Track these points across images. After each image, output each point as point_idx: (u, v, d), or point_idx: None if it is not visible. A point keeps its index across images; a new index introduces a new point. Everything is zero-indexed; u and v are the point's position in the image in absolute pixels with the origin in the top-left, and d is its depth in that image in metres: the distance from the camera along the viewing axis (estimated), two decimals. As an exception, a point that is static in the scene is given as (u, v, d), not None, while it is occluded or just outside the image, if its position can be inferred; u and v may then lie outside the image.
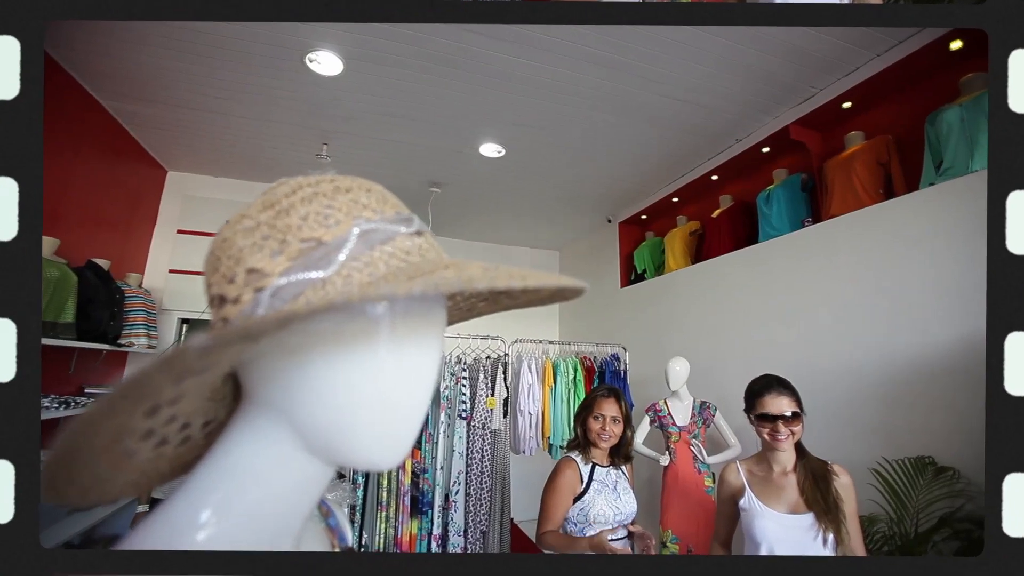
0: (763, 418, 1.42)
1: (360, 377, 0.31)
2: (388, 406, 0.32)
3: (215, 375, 0.29)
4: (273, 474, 0.32)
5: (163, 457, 0.34)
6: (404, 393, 0.33)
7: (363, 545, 2.52)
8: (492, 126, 2.98)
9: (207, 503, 0.31)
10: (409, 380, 0.33)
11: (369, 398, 0.32)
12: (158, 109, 2.85)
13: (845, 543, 1.30)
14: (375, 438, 0.32)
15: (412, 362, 0.33)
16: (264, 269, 0.29)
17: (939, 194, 2.02)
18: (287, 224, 0.30)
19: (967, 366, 1.83)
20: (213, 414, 0.36)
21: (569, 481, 1.59)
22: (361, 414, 0.32)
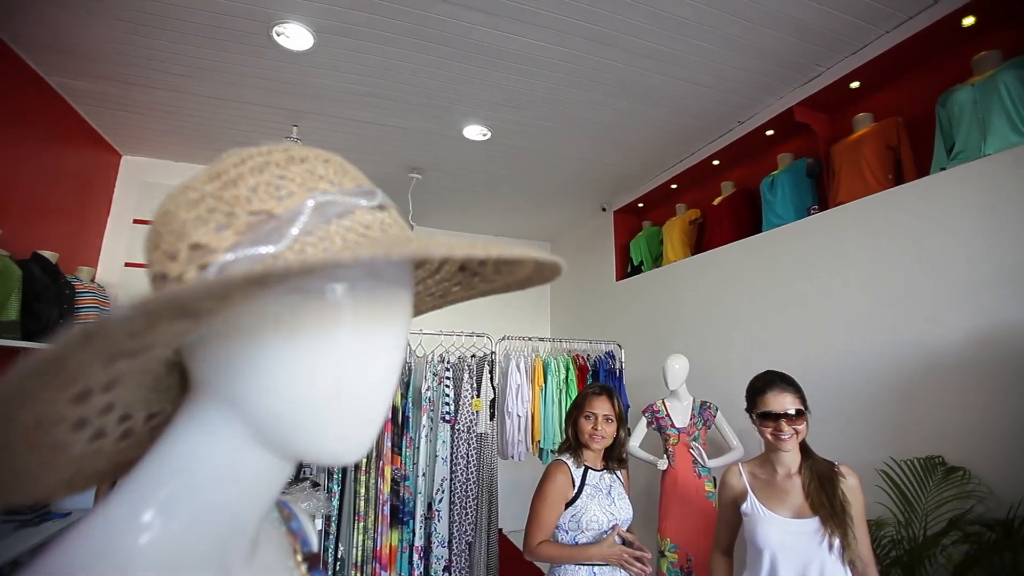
0: (765, 417, 1.44)
1: (317, 364, 0.30)
2: (348, 395, 0.32)
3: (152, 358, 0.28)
4: (224, 470, 0.31)
5: (101, 453, 0.33)
6: (365, 381, 0.32)
7: (339, 558, 2.50)
8: (477, 106, 2.96)
9: (150, 502, 0.30)
10: (371, 368, 0.32)
11: (327, 387, 0.31)
12: (110, 87, 2.78)
13: (852, 548, 1.32)
14: (334, 429, 0.32)
15: (374, 348, 0.32)
16: (209, 244, 0.28)
17: (951, 179, 2.05)
18: (235, 195, 0.29)
19: (980, 360, 1.86)
20: (158, 406, 0.35)
21: (560, 486, 1.58)
22: (318, 404, 0.31)
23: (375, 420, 0.34)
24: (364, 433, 0.33)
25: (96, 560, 0.27)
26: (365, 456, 2.50)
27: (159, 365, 0.31)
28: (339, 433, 0.32)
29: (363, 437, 0.33)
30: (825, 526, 1.34)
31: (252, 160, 0.30)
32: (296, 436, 0.31)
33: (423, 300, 0.48)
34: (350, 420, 0.32)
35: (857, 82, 2.56)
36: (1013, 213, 1.83)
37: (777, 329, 2.75)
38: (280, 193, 0.30)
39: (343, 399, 0.32)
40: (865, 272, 2.32)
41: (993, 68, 2.03)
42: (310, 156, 0.32)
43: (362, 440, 0.33)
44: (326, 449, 0.32)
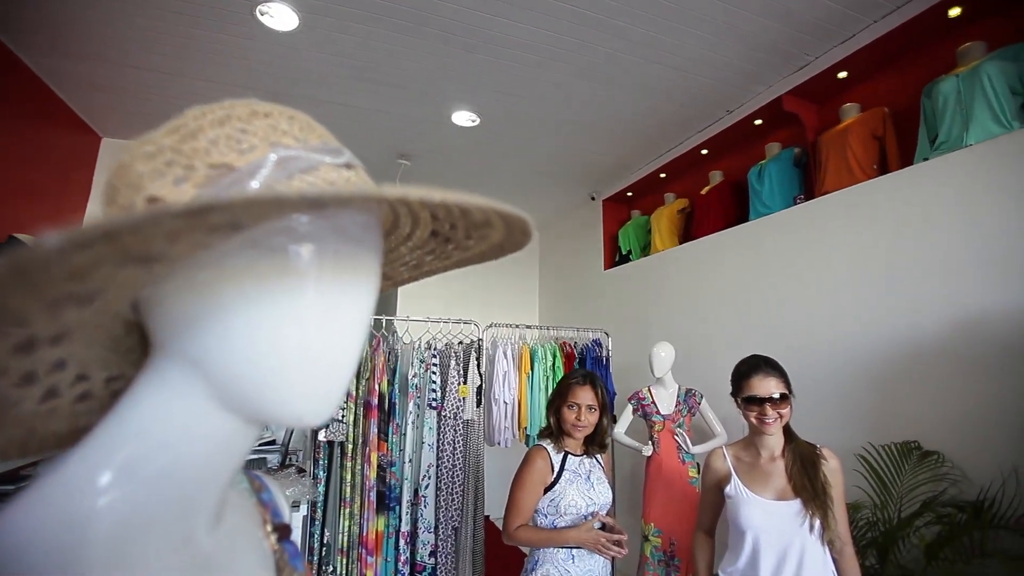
0: (750, 401, 1.45)
1: (279, 323, 0.30)
2: (311, 357, 0.31)
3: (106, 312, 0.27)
4: (186, 433, 0.31)
5: (57, 414, 0.32)
6: (329, 344, 0.32)
7: (325, 544, 2.51)
8: (466, 92, 2.93)
9: (108, 464, 0.29)
10: (335, 330, 0.32)
11: (289, 347, 0.31)
12: (90, 67, 2.71)
13: (832, 529, 1.35)
14: (298, 390, 0.31)
15: (339, 311, 0.32)
16: (167, 198, 0.28)
17: (933, 169, 2.07)
18: (194, 148, 0.29)
19: (958, 348, 1.90)
20: (118, 369, 0.34)
21: (539, 471, 1.60)
22: (280, 364, 0.31)
23: (339, 383, 0.34)
24: (328, 396, 0.33)
25: (53, 522, 0.27)
26: (345, 437, 2.49)
27: (115, 322, 0.30)
28: (302, 394, 0.32)
29: (327, 399, 0.33)
30: (806, 508, 1.36)
31: (213, 113, 0.30)
32: (259, 397, 0.31)
33: (398, 270, 0.47)
34: (313, 382, 0.32)
35: (845, 72, 2.58)
36: (992, 203, 1.86)
37: (762, 317, 2.78)
38: (241, 146, 0.29)
39: (306, 360, 0.31)
40: (849, 261, 2.35)
41: (977, 59, 2.05)
42: (274, 112, 0.32)
43: (326, 402, 0.33)
44: (289, 410, 0.32)
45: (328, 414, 0.33)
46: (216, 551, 0.34)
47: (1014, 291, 1.77)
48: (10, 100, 2.61)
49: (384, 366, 2.67)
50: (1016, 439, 1.71)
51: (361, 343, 0.35)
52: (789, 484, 1.41)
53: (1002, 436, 1.75)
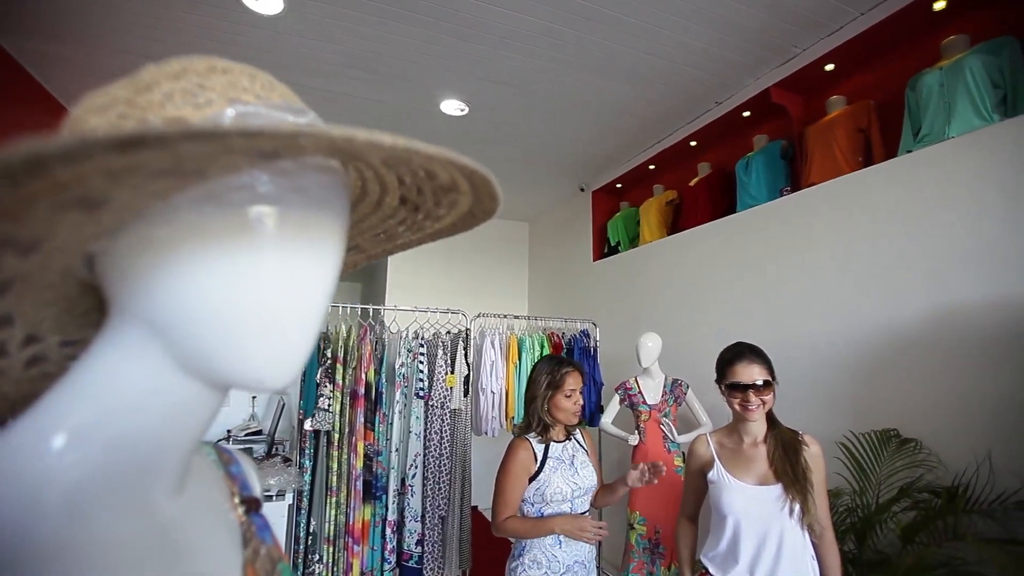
0: (733, 387, 1.47)
1: (239, 282, 0.29)
2: (272, 317, 0.31)
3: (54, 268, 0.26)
4: (144, 397, 0.30)
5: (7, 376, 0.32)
6: (289, 306, 0.31)
7: (311, 533, 2.51)
8: (455, 80, 2.91)
9: (61, 427, 0.29)
10: (297, 289, 0.32)
11: (249, 306, 0.30)
12: (67, 49, 2.64)
13: (811, 513, 1.37)
14: (258, 352, 0.31)
15: (301, 270, 0.32)
16: None
17: (915, 162, 2.10)
18: (148, 100, 0.28)
19: (936, 338, 1.94)
20: (76, 333, 0.33)
21: (522, 462, 1.60)
22: (240, 324, 0.30)
23: (301, 346, 0.33)
24: (289, 359, 0.32)
25: (5, 484, 0.26)
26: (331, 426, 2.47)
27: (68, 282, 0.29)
28: (262, 357, 0.31)
29: (288, 363, 0.32)
30: (787, 492, 1.38)
31: (170, 67, 0.29)
32: (218, 359, 0.30)
33: (371, 242, 0.47)
34: (274, 344, 0.31)
35: (832, 64, 2.59)
36: (972, 195, 1.89)
37: (748, 308, 2.81)
38: (198, 100, 0.28)
39: (266, 322, 0.31)
40: (832, 252, 2.38)
41: (961, 52, 2.07)
42: (234, 68, 0.31)
43: (287, 366, 0.32)
44: (250, 373, 0.31)
45: (290, 377, 0.33)
46: (177, 519, 0.33)
47: (991, 282, 1.80)
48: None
49: (371, 355, 2.66)
50: (990, 426, 1.75)
51: (324, 307, 0.34)
52: (771, 469, 1.43)
53: (977, 423, 1.78)
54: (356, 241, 0.47)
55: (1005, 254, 1.77)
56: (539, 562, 1.56)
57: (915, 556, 1.62)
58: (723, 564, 1.45)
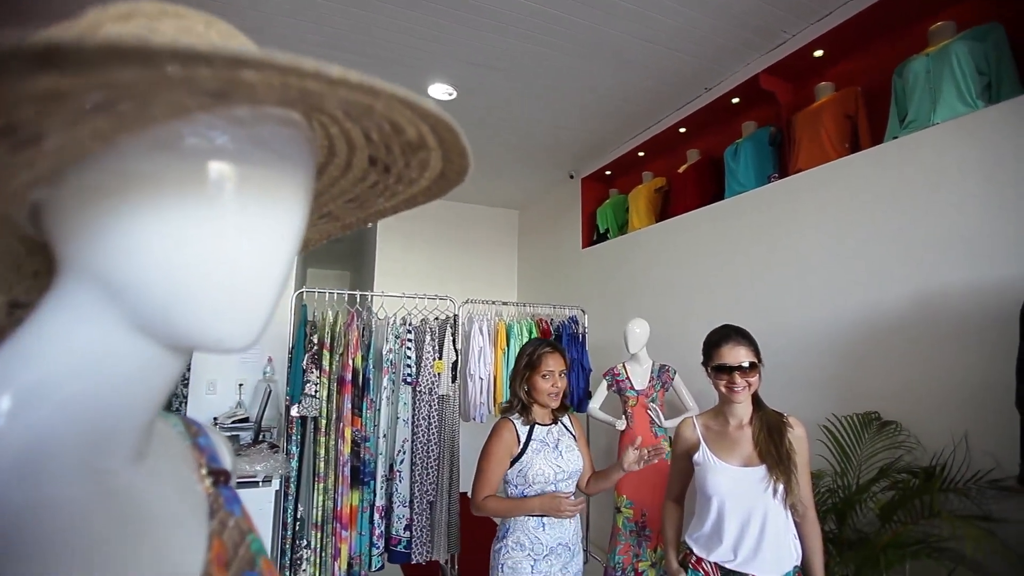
0: (720, 369, 1.48)
1: (193, 235, 0.28)
2: (230, 273, 0.29)
3: None
4: (96, 360, 0.29)
5: None
6: (250, 259, 0.30)
7: (299, 519, 2.51)
8: (442, 64, 2.87)
9: (6, 388, 0.27)
10: (257, 245, 0.30)
11: (205, 261, 0.29)
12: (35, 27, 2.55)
13: (794, 493, 1.39)
14: (215, 311, 0.30)
15: (262, 224, 0.30)
16: None
17: (900, 148, 2.11)
18: None
19: (918, 322, 1.96)
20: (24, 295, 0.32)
21: (506, 443, 1.61)
22: (196, 281, 0.29)
23: (262, 306, 0.32)
24: (249, 318, 0.31)
25: None
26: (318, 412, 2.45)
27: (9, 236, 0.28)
28: (220, 316, 0.30)
29: (248, 323, 0.31)
30: (771, 473, 1.40)
31: (116, 8, 0.27)
32: (174, 318, 0.29)
33: (344, 208, 0.46)
34: (232, 303, 0.30)
35: (820, 51, 2.59)
36: (955, 181, 1.90)
37: (736, 293, 2.83)
38: None
39: (223, 279, 0.29)
40: (818, 238, 2.40)
41: (947, 39, 2.07)
42: (190, 14, 0.29)
43: (247, 326, 0.31)
44: (208, 333, 0.30)
45: (250, 339, 0.32)
46: (136, 485, 0.32)
47: (971, 267, 1.82)
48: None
49: (358, 341, 2.64)
50: (967, 408, 1.78)
51: (287, 265, 0.33)
52: (755, 451, 1.45)
53: (954, 405, 1.82)
54: (329, 208, 0.46)
55: (985, 240, 1.80)
56: (522, 544, 1.57)
57: (892, 534, 1.66)
58: (707, 544, 1.47)
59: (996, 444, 1.67)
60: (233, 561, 0.37)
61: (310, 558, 2.52)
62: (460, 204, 5.38)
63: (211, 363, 3.25)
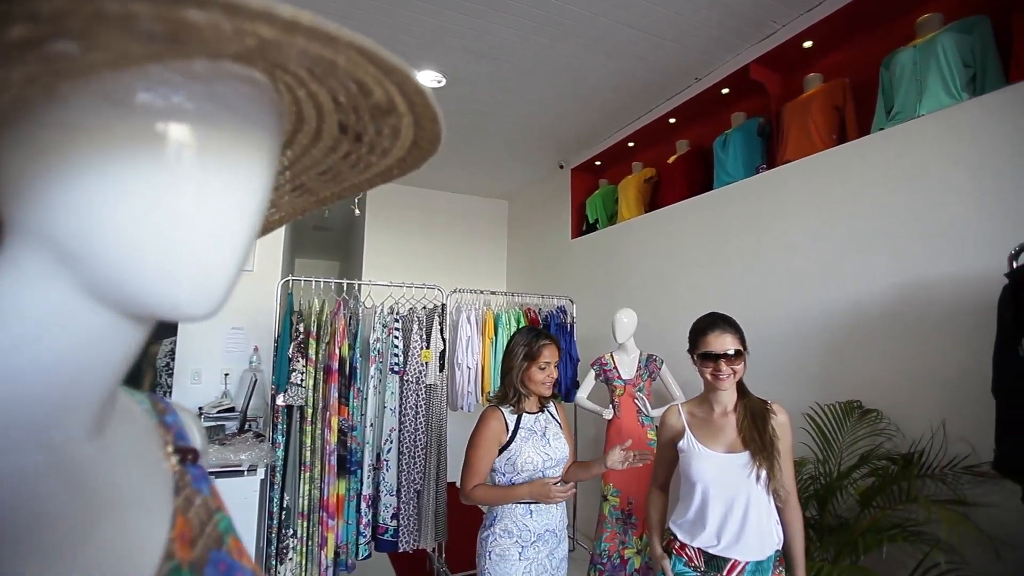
0: (705, 357, 1.48)
1: (146, 195, 0.27)
2: (187, 237, 0.28)
3: None
4: (47, 326, 0.28)
5: None
6: (209, 223, 0.29)
7: (285, 508, 2.50)
8: (431, 50, 2.83)
9: None
10: (216, 207, 0.29)
11: (160, 224, 0.27)
12: None
13: (777, 478, 1.41)
14: (172, 275, 0.28)
15: (221, 186, 0.29)
16: None
17: (886, 139, 2.12)
18: None
19: (900, 312, 1.99)
20: None
21: (494, 431, 1.61)
22: (149, 242, 0.27)
23: (222, 273, 0.30)
24: (209, 283, 0.30)
25: None
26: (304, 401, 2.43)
27: None
28: (177, 280, 0.28)
29: (208, 288, 0.30)
30: (754, 459, 1.41)
31: None
32: (128, 283, 0.28)
33: (317, 181, 0.44)
34: (190, 267, 0.29)
35: (810, 42, 2.59)
36: (939, 173, 1.92)
37: (722, 284, 2.85)
38: None
39: (179, 244, 0.28)
40: (805, 229, 2.42)
41: (934, 31, 2.08)
42: None
43: (207, 292, 0.30)
44: (164, 298, 0.29)
45: (210, 307, 0.30)
46: (95, 459, 0.31)
47: (952, 259, 1.85)
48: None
49: (345, 330, 2.62)
50: (945, 396, 1.82)
51: (249, 233, 0.32)
52: (739, 437, 1.46)
53: (934, 394, 1.85)
54: (302, 179, 0.45)
55: (966, 231, 1.82)
56: (510, 531, 1.58)
57: (871, 519, 1.69)
58: (691, 530, 1.49)
59: (972, 431, 1.70)
60: (199, 539, 0.36)
61: (296, 547, 2.52)
62: (450, 194, 5.34)
63: (196, 353, 3.22)
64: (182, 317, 0.30)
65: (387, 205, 5.02)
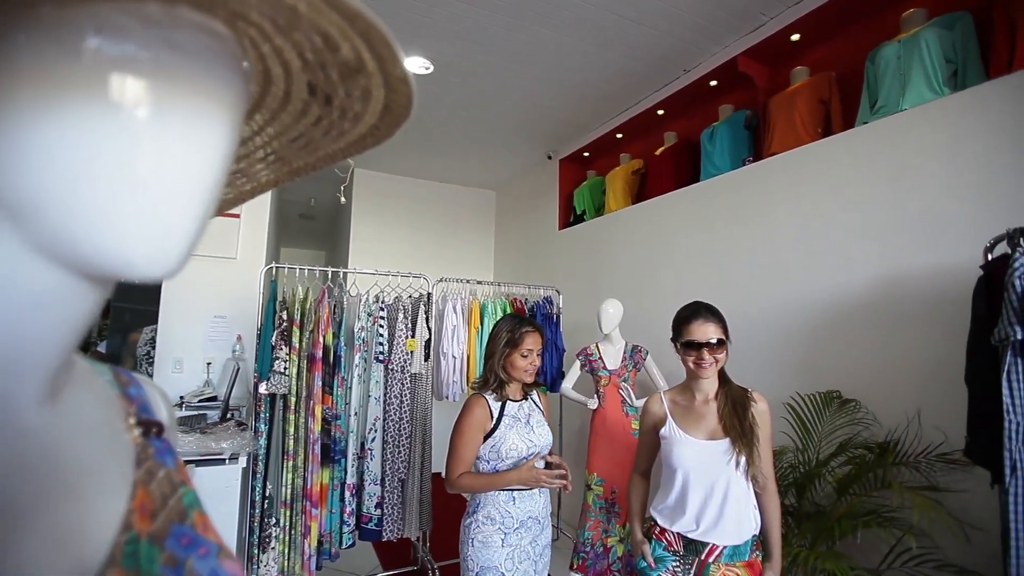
0: (688, 346, 1.50)
1: (95, 144, 0.26)
2: (139, 191, 0.27)
3: None
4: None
5: None
6: (164, 176, 0.28)
7: (267, 496, 2.48)
8: (419, 35, 2.79)
9: None
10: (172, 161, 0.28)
11: (110, 176, 0.26)
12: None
13: (755, 464, 1.43)
14: (124, 231, 0.27)
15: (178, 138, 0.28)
16: None
17: (869, 133, 2.15)
18: None
19: (880, 304, 2.02)
20: None
21: (478, 419, 1.61)
22: (100, 196, 0.26)
23: (179, 231, 0.29)
24: (163, 243, 0.28)
25: None
26: (287, 389, 2.42)
27: None
28: (129, 238, 0.27)
29: (162, 248, 0.28)
30: (734, 446, 1.43)
31: None
32: (76, 239, 0.27)
33: (290, 150, 0.43)
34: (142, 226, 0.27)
35: (797, 35, 2.60)
36: (920, 167, 1.95)
37: (707, 275, 2.87)
38: None
39: (131, 199, 0.27)
40: (790, 221, 2.44)
41: (919, 25, 2.10)
42: None
43: (161, 251, 0.28)
44: (117, 256, 0.27)
45: (167, 265, 0.29)
46: (46, 428, 0.30)
47: (930, 251, 1.88)
48: None
49: (329, 318, 2.59)
50: (920, 385, 1.85)
51: (209, 191, 0.30)
52: (720, 425, 1.48)
53: (910, 384, 1.89)
54: (273, 147, 0.43)
55: (945, 224, 1.85)
56: (492, 518, 1.58)
57: (847, 506, 1.72)
58: (671, 515, 1.50)
59: (946, 420, 1.74)
60: (160, 511, 0.35)
61: (279, 536, 2.50)
62: (438, 184, 5.31)
63: (178, 341, 3.17)
64: (137, 276, 0.29)
65: (374, 194, 4.97)
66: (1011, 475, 1.27)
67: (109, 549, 0.30)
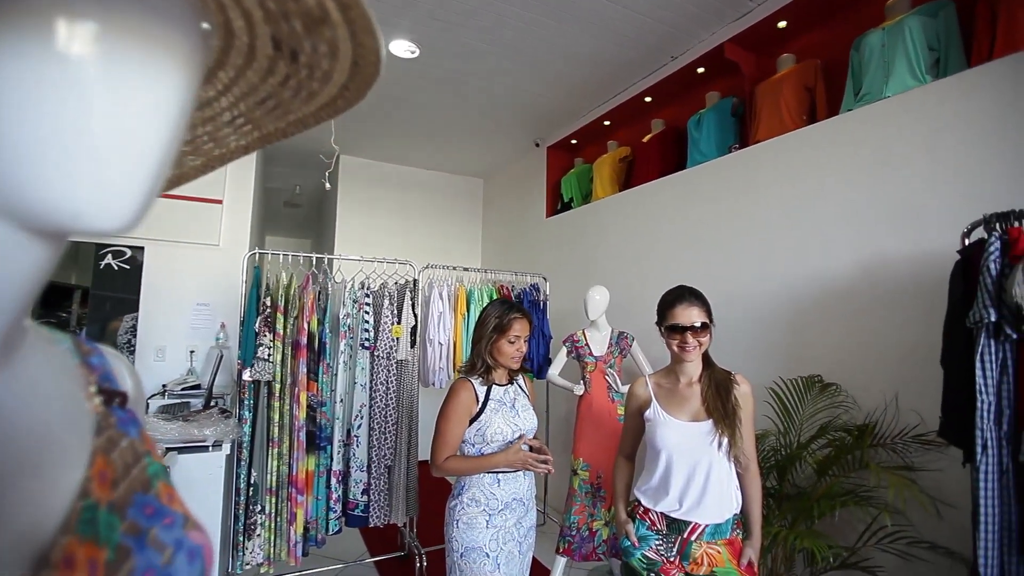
0: (672, 329, 1.51)
1: (36, 87, 0.24)
2: (86, 138, 0.26)
3: None
4: None
5: None
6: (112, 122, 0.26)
7: (252, 484, 2.46)
8: (404, 17, 2.74)
9: None
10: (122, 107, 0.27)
11: (53, 119, 0.25)
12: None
13: (737, 445, 1.45)
14: (70, 180, 0.26)
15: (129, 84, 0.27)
16: None
17: (853, 120, 2.16)
18: None
19: (861, 290, 2.05)
20: None
21: (464, 403, 1.60)
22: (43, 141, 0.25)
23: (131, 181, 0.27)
24: (114, 194, 0.27)
25: None
26: (272, 376, 2.40)
27: None
28: (75, 188, 0.26)
29: (113, 199, 0.27)
30: (717, 427, 1.45)
31: None
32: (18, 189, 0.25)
33: (257, 111, 0.42)
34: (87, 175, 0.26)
35: (784, 22, 2.60)
36: (902, 153, 1.97)
37: (693, 261, 2.89)
38: None
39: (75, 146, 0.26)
40: (775, 207, 2.46)
41: (903, 13, 2.11)
42: None
43: (112, 203, 0.27)
44: (63, 207, 0.26)
45: (119, 220, 0.28)
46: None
47: (910, 238, 1.91)
48: None
49: (314, 304, 2.57)
50: (898, 370, 1.89)
51: (163, 144, 0.29)
52: (703, 407, 1.50)
53: (888, 368, 1.93)
54: (241, 109, 0.42)
55: (924, 212, 1.88)
56: (477, 500, 1.58)
57: (826, 486, 1.76)
58: (655, 496, 1.52)
59: (922, 402, 1.78)
60: (122, 480, 0.34)
61: (265, 523, 2.49)
62: (425, 171, 5.26)
63: (160, 329, 3.13)
64: (86, 230, 0.27)
65: (360, 182, 4.91)
66: (982, 453, 1.30)
67: (64, 516, 0.29)
